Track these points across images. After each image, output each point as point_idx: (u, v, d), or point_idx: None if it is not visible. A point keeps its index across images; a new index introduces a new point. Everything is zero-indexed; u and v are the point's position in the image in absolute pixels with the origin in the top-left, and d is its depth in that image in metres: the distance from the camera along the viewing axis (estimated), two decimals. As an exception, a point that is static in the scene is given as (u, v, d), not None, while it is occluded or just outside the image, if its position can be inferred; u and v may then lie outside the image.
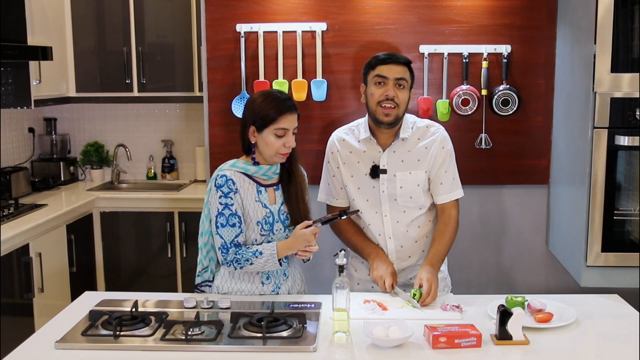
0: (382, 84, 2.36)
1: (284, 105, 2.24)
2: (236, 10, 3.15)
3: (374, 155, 2.46)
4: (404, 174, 2.43)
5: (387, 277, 2.36)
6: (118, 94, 4.35)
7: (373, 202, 2.47)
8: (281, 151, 2.26)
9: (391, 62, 2.37)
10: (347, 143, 2.50)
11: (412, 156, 2.44)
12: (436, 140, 2.45)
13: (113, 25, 4.28)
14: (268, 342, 1.94)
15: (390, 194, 2.44)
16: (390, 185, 2.44)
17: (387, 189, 2.44)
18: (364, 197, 2.48)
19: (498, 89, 3.10)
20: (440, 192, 2.47)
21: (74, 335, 2.01)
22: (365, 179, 2.46)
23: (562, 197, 3.02)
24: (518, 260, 3.29)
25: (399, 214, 2.46)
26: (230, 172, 2.28)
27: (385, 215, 2.46)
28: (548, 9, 3.08)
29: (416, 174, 2.43)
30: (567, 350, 1.95)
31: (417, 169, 2.44)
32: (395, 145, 2.44)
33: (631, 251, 2.65)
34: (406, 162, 2.44)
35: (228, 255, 2.25)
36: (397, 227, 2.47)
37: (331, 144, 2.55)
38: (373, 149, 2.46)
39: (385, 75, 2.36)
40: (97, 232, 4.18)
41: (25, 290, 3.39)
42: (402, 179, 2.43)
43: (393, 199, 2.44)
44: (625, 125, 2.57)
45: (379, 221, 2.47)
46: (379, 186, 2.45)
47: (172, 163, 4.72)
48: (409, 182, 2.43)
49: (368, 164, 2.46)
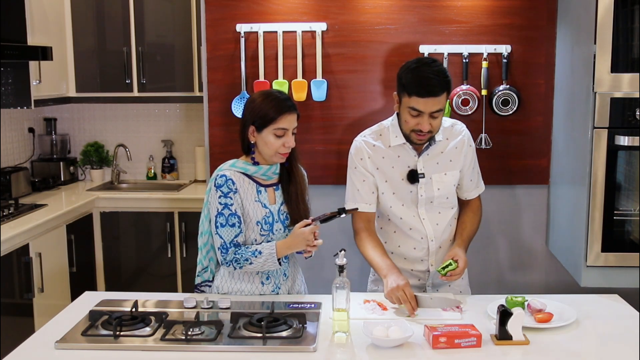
0: (417, 115, 2.24)
1: (283, 105, 2.24)
2: (236, 10, 3.15)
3: (408, 160, 2.40)
4: (440, 176, 2.41)
5: (406, 289, 2.18)
6: (118, 94, 4.35)
7: (410, 206, 2.42)
8: (280, 151, 2.26)
9: (428, 96, 2.19)
10: (378, 148, 2.41)
11: (445, 157, 2.42)
12: (464, 139, 2.45)
13: (113, 25, 4.28)
14: (268, 342, 1.94)
15: (428, 197, 2.41)
16: (427, 188, 2.40)
17: (425, 193, 2.40)
18: (400, 201, 2.43)
19: (498, 89, 3.10)
20: (469, 188, 2.51)
21: (74, 335, 2.01)
22: (402, 183, 2.40)
23: (562, 197, 3.02)
24: (518, 260, 3.29)
25: (435, 215, 2.44)
26: (230, 172, 2.28)
27: (423, 218, 2.43)
28: (548, 9, 3.08)
29: (452, 174, 2.43)
30: (567, 350, 1.95)
31: (452, 169, 2.43)
32: (429, 148, 2.40)
33: (631, 251, 2.65)
34: (441, 164, 2.41)
35: (227, 255, 2.25)
36: (437, 229, 2.45)
37: (359, 150, 2.43)
38: (407, 154, 2.40)
39: (421, 110, 2.22)
40: (97, 232, 4.18)
41: (25, 290, 3.39)
42: (438, 181, 2.41)
43: (429, 202, 2.42)
44: (625, 125, 2.57)
45: (420, 225, 2.44)
46: (417, 190, 2.41)
47: (172, 163, 4.72)
48: (445, 183, 2.42)
49: (403, 169, 2.40)
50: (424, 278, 2.50)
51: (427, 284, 2.50)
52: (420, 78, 2.20)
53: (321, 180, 3.18)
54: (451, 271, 2.27)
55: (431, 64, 2.24)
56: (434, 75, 2.19)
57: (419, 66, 2.23)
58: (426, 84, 2.19)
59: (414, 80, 2.21)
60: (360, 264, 2.68)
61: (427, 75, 2.19)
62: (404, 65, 2.28)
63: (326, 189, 3.16)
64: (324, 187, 3.15)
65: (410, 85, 2.21)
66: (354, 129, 3.21)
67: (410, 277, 2.46)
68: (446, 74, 2.23)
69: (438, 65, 2.25)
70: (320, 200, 2.62)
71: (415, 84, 2.20)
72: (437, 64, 2.25)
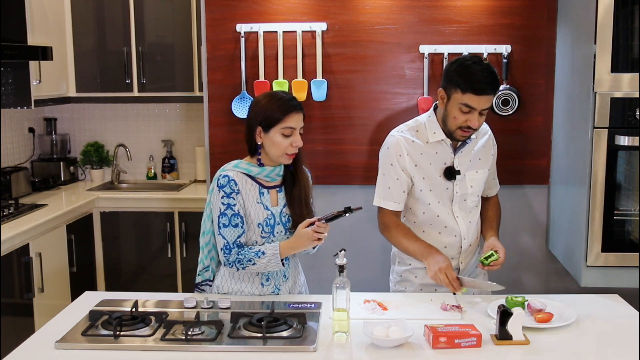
0: (468, 112, 2.26)
1: (289, 104, 2.24)
2: (236, 10, 3.15)
3: (445, 156, 2.40)
4: (472, 173, 2.44)
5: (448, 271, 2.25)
6: (118, 94, 4.35)
7: (445, 204, 2.43)
8: (288, 151, 2.25)
9: (484, 94, 2.22)
10: (417, 144, 2.40)
11: (475, 155, 2.45)
12: (490, 138, 2.51)
13: (113, 25, 4.28)
14: (268, 342, 1.94)
15: (462, 194, 2.43)
16: (461, 185, 2.42)
17: (459, 190, 2.42)
18: (436, 199, 2.43)
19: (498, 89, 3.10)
20: (492, 185, 2.58)
21: (74, 335, 2.01)
22: (439, 180, 2.41)
23: (562, 197, 3.02)
24: (518, 260, 3.29)
25: (466, 214, 2.45)
26: (233, 173, 2.28)
27: (457, 216, 2.44)
28: (548, 9, 3.08)
29: (482, 172, 2.46)
30: (567, 350, 1.95)
31: (482, 167, 2.46)
32: (465, 146, 2.42)
33: (631, 251, 2.65)
34: (473, 162, 2.44)
35: (230, 256, 2.25)
36: (470, 227, 2.47)
37: (397, 146, 2.40)
38: (445, 150, 2.40)
39: (474, 107, 2.24)
40: (97, 232, 4.18)
41: (25, 290, 3.39)
42: (471, 178, 2.43)
43: (463, 200, 2.43)
44: (625, 125, 2.57)
45: (454, 223, 2.44)
46: (453, 187, 2.42)
47: (172, 163, 4.72)
48: (477, 181, 2.45)
49: (439, 166, 2.40)
50: None
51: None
52: (476, 75, 2.22)
53: (321, 180, 3.18)
54: (494, 261, 2.32)
55: (481, 62, 2.28)
56: (489, 73, 2.24)
57: (473, 64, 2.26)
58: (483, 81, 2.22)
59: (470, 78, 2.22)
60: (366, 263, 2.69)
61: (484, 74, 2.23)
62: (455, 62, 2.30)
63: (326, 189, 3.16)
64: (324, 187, 3.15)
65: (466, 82, 2.22)
66: (354, 129, 3.22)
67: None
68: (496, 73, 2.28)
69: (488, 64, 2.30)
70: (320, 200, 2.62)
71: (471, 81, 2.22)
72: (487, 63, 2.30)
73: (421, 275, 2.48)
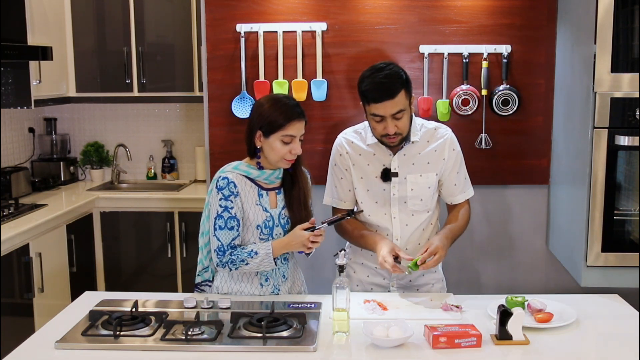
0: (381, 120, 2.29)
1: (292, 112, 2.23)
2: (236, 10, 3.15)
3: (384, 158, 2.43)
4: (415, 177, 2.42)
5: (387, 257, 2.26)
6: (118, 94, 4.35)
7: (382, 205, 2.45)
8: (287, 157, 2.25)
9: (384, 100, 2.24)
10: (356, 145, 2.47)
11: (422, 159, 2.43)
12: (446, 143, 2.45)
13: (113, 25, 4.28)
14: (268, 342, 1.94)
15: (401, 197, 2.43)
16: (401, 188, 2.43)
17: (397, 192, 2.43)
18: (374, 199, 2.46)
19: (498, 89, 3.10)
20: (454, 193, 2.50)
21: (74, 335, 2.01)
22: (376, 181, 2.44)
23: (562, 197, 3.02)
24: (518, 260, 3.29)
25: (407, 217, 2.45)
26: (233, 175, 2.27)
27: (394, 217, 2.45)
28: (548, 9, 3.07)
29: (427, 176, 2.43)
30: (567, 350, 1.95)
31: (428, 171, 2.44)
32: (405, 148, 2.42)
33: (631, 251, 2.65)
34: (417, 165, 2.43)
35: (223, 257, 2.25)
36: (406, 229, 2.46)
37: (339, 147, 2.50)
38: (383, 152, 2.43)
39: (381, 115, 2.27)
40: (97, 232, 4.18)
41: (25, 290, 3.40)
42: (412, 182, 2.42)
43: (403, 202, 2.44)
44: (625, 125, 2.57)
45: (388, 223, 2.46)
46: (390, 189, 2.43)
47: (172, 163, 4.72)
48: (419, 185, 2.43)
49: (378, 167, 2.43)
50: (388, 277, 2.52)
51: (391, 283, 2.51)
52: (373, 84, 2.26)
53: (321, 180, 3.17)
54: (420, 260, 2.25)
55: (384, 68, 2.28)
56: (386, 78, 2.25)
57: (372, 73, 2.29)
58: (379, 88, 2.24)
59: (368, 88, 2.27)
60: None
61: (379, 80, 2.25)
62: (360, 75, 2.33)
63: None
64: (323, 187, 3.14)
65: (366, 93, 2.28)
66: (354, 129, 3.21)
67: (375, 275, 2.52)
68: (399, 74, 2.27)
69: (391, 67, 2.29)
70: (319, 200, 2.62)
71: (369, 91, 2.26)
72: (390, 67, 2.29)
73: (360, 270, 2.56)
